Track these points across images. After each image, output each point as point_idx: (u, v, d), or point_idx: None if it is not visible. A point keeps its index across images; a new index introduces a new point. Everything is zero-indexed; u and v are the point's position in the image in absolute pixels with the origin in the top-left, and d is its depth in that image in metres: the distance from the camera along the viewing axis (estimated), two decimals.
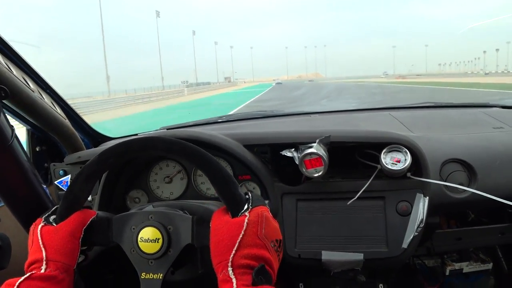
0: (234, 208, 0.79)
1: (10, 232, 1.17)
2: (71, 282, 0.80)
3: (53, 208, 0.89)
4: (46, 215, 0.86)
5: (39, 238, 0.81)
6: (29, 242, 0.84)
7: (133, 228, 0.85)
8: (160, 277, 0.82)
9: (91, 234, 0.86)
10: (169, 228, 0.83)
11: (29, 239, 0.84)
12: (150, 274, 0.82)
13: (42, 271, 0.77)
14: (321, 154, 1.18)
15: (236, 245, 0.73)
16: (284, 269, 1.47)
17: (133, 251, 0.84)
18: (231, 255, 0.72)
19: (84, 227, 0.85)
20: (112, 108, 24.48)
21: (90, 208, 0.95)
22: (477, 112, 1.81)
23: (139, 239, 0.83)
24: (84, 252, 0.89)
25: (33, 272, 0.76)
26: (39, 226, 0.83)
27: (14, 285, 0.72)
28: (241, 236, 0.74)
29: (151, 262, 0.83)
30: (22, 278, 0.74)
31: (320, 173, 1.20)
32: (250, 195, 0.83)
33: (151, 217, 0.84)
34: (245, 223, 0.75)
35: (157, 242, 0.82)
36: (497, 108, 1.88)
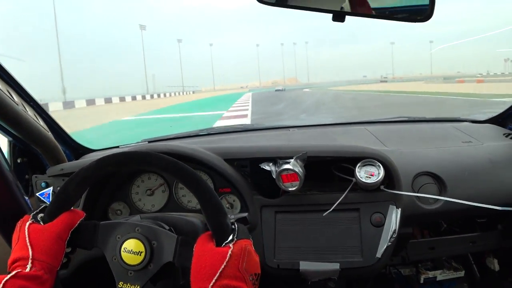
0: (220, 237, 0.82)
1: None
2: (53, 283, 0.82)
3: (42, 207, 0.90)
4: (34, 212, 0.87)
5: (26, 235, 0.82)
6: (14, 238, 0.85)
7: (118, 237, 0.87)
8: None
9: (77, 236, 0.88)
10: (153, 243, 0.86)
11: (15, 235, 0.85)
12: (128, 285, 0.85)
13: (27, 270, 0.77)
14: (297, 170, 1.23)
15: (217, 274, 0.75)
16: (263, 279, 1.50)
17: (115, 259, 0.86)
18: (210, 284, 0.75)
19: (72, 229, 0.87)
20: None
21: None
22: (448, 126, 1.89)
23: (122, 248, 0.85)
24: (67, 255, 0.90)
25: (19, 270, 0.77)
26: (27, 224, 0.84)
27: None
28: (222, 266, 0.76)
29: (131, 273, 0.85)
30: (8, 276, 0.75)
31: (296, 188, 1.25)
32: (236, 226, 0.86)
33: (138, 229, 0.87)
34: (228, 254, 0.78)
35: (140, 255, 0.84)
36: (467, 123, 1.97)
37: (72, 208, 0.90)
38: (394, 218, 1.27)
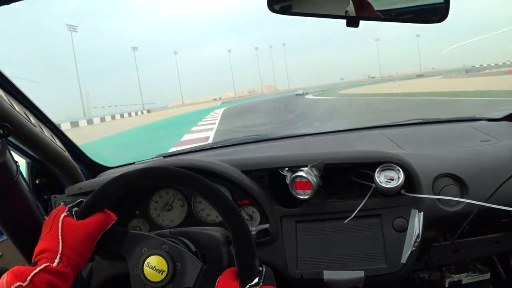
0: (245, 278, 0.81)
1: (12, 266, 1.17)
2: (73, 281, 0.82)
3: (78, 200, 0.90)
4: (71, 205, 0.88)
5: (60, 228, 0.82)
6: (45, 225, 0.85)
7: (144, 250, 0.87)
8: None
9: (106, 239, 0.88)
10: (177, 265, 0.85)
11: (47, 224, 0.85)
12: None
13: (55, 264, 0.77)
14: (309, 179, 1.22)
15: None
16: None
17: (136, 270, 0.86)
18: None
19: (103, 231, 0.87)
20: None
21: None
22: (464, 126, 1.87)
23: (146, 263, 0.85)
24: (92, 255, 0.90)
25: (47, 264, 0.76)
26: (62, 215, 0.84)
27: (26, 275, 0.73)
28: None
29: None
30: (37, 269, 0.75)
31: (307, 196, 1.24)
32: (264, 268, 0.84)
33: (165, 247, 0.86)
34: None
35: (161, 273, 0.84)
36: (483, 121, 1.94)
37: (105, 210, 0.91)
38: (417, 222, 1.25)
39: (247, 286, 0.79)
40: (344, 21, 0.90)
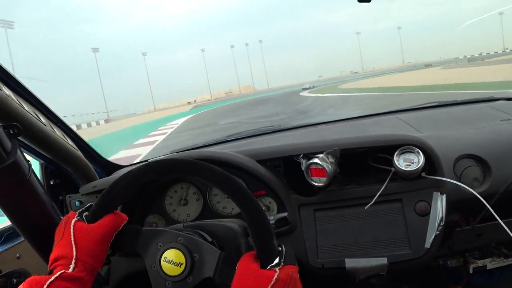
0: (265, 259, 0.78)
1: (30, 268, 1.17)
2: (92, 284, 0.81)
3: (87, 205, 0.90)
4: (80, 210, 0.87)
5: (72, 234, 0.81)
6: (57, 233, 0.84)
7: (160, 246, 0.85)
8: None
9: (120, 240, 0.87)
10: (195, 256, 0.83)
11: (59, 230, 0.84)
12: None
13: (70, 270, 0.76)
14: (324, 166, 1.19)
15: None
16: (309, 281, 1.46)
17: (154, 267, 0.84)
18: None
19: (116, 232, 0.86)
20: None
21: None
22: (482, 106, 1.82)
23: (163, 258, 0.83)
24: (108, 257, 0.89)
25: (62, 271, 0.76)
26: (73, 221, 0.83)
27: (42, 284, 0.72)
28: None
29: (168, 283, 0.83)
30: (53, 278, 0.74)
31: (322, 184, 1.21)
32: (283, 248, 0.82)
33: (180, 240, 0.85)
34: (274, 278, 0.73)
35: (180, 266, 0.82)
36: (502, 101, 1.88)
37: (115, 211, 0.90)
38: (440, 205, 1.21)
39: (268, 267, 0.76)
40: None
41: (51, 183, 1.49)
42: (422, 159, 1.21)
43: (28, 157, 1.31)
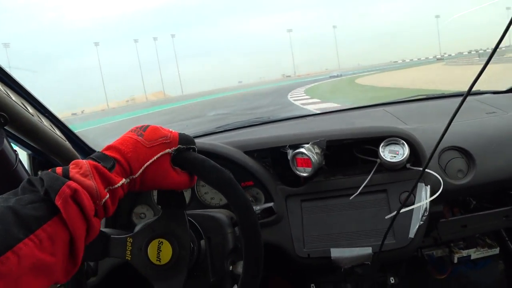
0: None
1: None
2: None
3: (190, 146, 0.85)
4: (181, 147, 0.81)
5: (153, 158, 0.76)
6: (154, 134, 0.78)
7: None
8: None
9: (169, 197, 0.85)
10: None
11: (153, 135, 0.78)
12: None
13: (126, 182, 0.72)
14: (309, 155, 1.21)
15: None
16: (294, 270, 1.48)
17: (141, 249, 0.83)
18: None
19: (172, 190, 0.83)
20: None
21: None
22: (469, 99, 1.83)
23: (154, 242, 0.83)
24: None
25: (124, 181, 0.71)
26: (167, 151, 0.78)
27: (110, 183, 0.68)
28: None
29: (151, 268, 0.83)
30: (120, 183, 0.70)
31: (307, 174, 1.23)
32: None
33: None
34: None
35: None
36: (488, 94, 1.91)
37: None
38: (424, 195, 1.24)
39: None
40: None
41: (39, 173, 1.48)
42: (407, 150, 1.23)
43: (15, 147, 1.31)
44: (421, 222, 1.21)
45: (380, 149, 1.25)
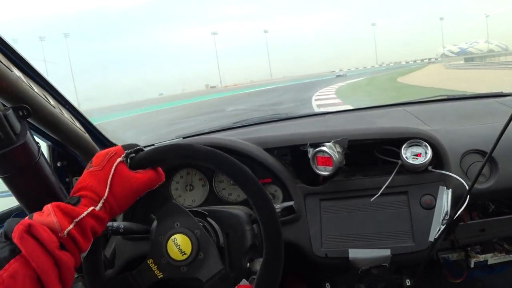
0: None
1: None
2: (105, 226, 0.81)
3: (136, 148, 0.87)
4: (128, 151, 0.84)
5: (111, 173, 0.79)
6: (97, 160, 0.82)
7: (177, 225, 0.86)
8: None
9: (148, 199, 0.87)
10: (200, 255, 0.84)
11: (100, 159, 0.82)
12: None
13: (98, 209, 0.75)
14: (331, 154, 1.19)
15: None
16: (310, 269, 1.47)
17: (161, 239, 0.85)
18: None
19: (149, 190, 0.85)
20: None
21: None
22: (491, 102, 1.81)
23: (173, 237, 0.84)
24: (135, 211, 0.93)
25: (92, 208, 0.74)
26: (118, 160, 0.81)
27: (74, 215, 0.71)
28: None
29: (164, 260, 0.85)
30: (85, 213, 0.72)
31: (328, 173, 1.22)
32: None
33: (197, 233, 0.85)
34: None
35: (183, 255, 0.83)
36: (511, 97, 1.87)
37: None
38: (445, 199, 1.22)
39: None
40: None
41: (58, 165, 1.49)
42: (429, 153, 1.22)
43: (36, 139, 1.32)
44: (442, 226, 1.19)
45: (402, 151, 1.23)
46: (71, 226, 0.69)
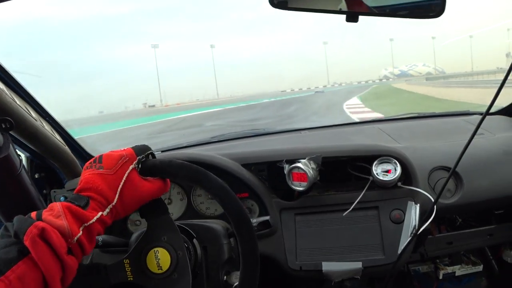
0: None
1: None
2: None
3: (149, 152, 0.87)
4: (141, 157, 0.84)
5: (123, 180, 0.79)
6: (109, 161, 0.80)
7: (164, 239, 0.86)
8: None
9: (149, 207, 0.87)
10: (174, 275, 0.85)
11: (112, 161, 0.80)
12: None
13: (105, 213, 0.75)
14: (306, 170, 1.24)
15: None
16: (286, 283, 1.50)
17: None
18: None
19: (151, 199, 0.85)
20: None
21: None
22: (458, 120, 1.89)
23: (154, 250, 0.85)
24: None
25: (101, 214, 0.74)
26: (131, 167, 0.81)
27: (83, 220, 0.70)
28: None
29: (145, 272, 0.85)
30: (94, 219, 0.72)
31: (303, 188, 1.27)
32: None
33: (179, 254, 0.85)
34: None
35: (159, 269, 0.84)
36: (476, 115, 1.97)
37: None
38: (413, 214, 1.28)
39: None
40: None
41: (36, 176, 1.49)
42: (399, 169, 1.28)
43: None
44: (410, 239, 1.25)
45: (373, 167, 1.29)
46: (81, 232, 0.69)
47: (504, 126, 1.76)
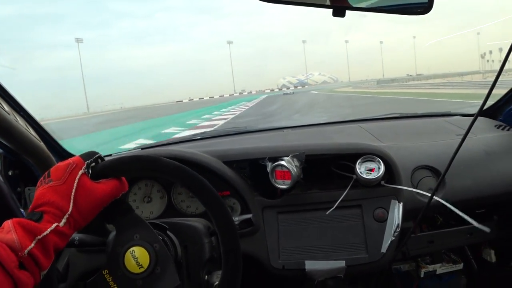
0: None
1: None
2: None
3: (96, 156, 0.85)
4: (89, 161, 0.82)
5: (75, 187, 0.77)
6: (57, 172, 0.78)
7: (136, 237, 0.85)
8: None
9: (111, 208, 0.85)
10: (157, 269, 0.83)
11: (60, 171, 0.78)
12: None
13: (61, 225, 0.73)
14: (290, 168, 1.23)
15: None
16: (268, 282, 1.49)
17: (119, 250, 0.84)
18: None
19: (113, 200, 0.84)
20: None
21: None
22: (440, 121, 1.92)
23: (130, 250, 0.83)
24: (103, 225, 0.90)
25: (56, 225, 0.72)
26: (80, 173, 0.79)
27: (36, 234, 0.68)
28: None
29: (119, 272, 0.83)
30: (48, 230, 0.70)
31: (287, 186, 1.25)
32: None
33: (156, 247, 0.84)
34: None
35: (140, 268, 0.82)
36: (458, 117, 2.00)
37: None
38: (396, 212, 1.28)
39: None
40: None
41: (10, 174, 1.44)
42: (382, 168, 1.27)
43: None
44: (393, 238, 1.25)
45: (357, 166, 1.29)
46: (32, 245, 0.67)
47: (485, 127, 1.79)
